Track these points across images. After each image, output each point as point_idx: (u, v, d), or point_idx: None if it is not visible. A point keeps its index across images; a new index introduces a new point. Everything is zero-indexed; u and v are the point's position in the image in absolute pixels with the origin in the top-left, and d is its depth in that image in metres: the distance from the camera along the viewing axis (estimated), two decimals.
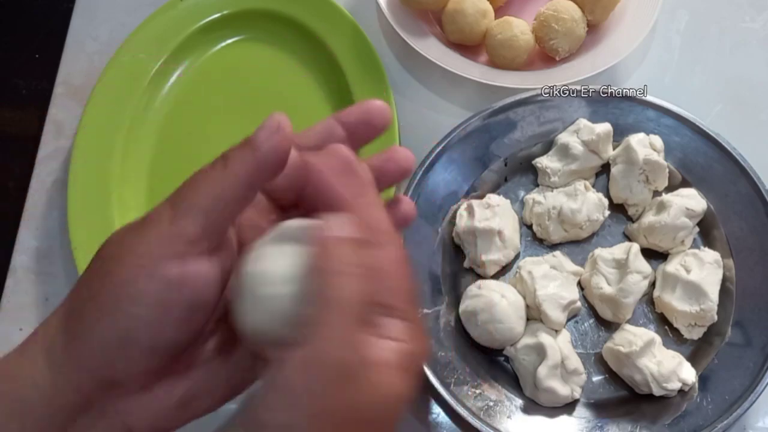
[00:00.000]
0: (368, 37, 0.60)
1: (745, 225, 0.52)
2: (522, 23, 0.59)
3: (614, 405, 0.49)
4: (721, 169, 0.53)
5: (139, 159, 0.60)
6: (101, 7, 0.68)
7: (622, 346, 0.48)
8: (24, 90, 0.67)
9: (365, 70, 0.59)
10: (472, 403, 0.48)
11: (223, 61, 0.64)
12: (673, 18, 0.65)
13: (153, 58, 0.62)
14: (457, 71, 0.58)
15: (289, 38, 0.63)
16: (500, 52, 0.59)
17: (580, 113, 0.56)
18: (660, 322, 0.52)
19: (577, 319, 0.52)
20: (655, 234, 0.52)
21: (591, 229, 0.54)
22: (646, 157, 0.52)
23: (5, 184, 0.63)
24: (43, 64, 0.66)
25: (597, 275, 0.51)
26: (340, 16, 0.62)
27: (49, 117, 0.64)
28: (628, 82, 0.62)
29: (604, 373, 0.50)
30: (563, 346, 0.48)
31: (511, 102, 0.55)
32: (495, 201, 0.53)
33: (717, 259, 0.51)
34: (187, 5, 0.64)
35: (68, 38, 0.67)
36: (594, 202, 0.53)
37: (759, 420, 0.50)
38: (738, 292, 0.51)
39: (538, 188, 0.56)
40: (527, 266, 0.51)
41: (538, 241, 0.55)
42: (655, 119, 0.55)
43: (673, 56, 0.64)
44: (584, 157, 0.54)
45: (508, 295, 0.49)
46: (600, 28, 0.62)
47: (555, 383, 0.47)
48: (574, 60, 0.60)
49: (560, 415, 0.49)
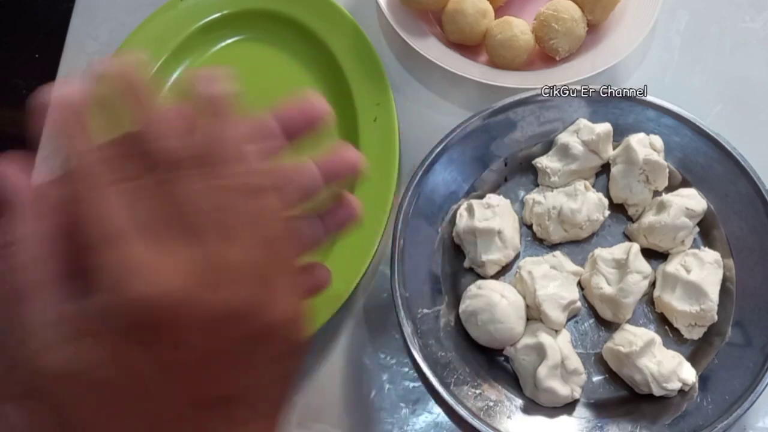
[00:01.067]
0: (368, 37, 0.60)
1: (745, 225, 0.52)
2: (522, 23, 0.59)
3: (614, 405, 0.49)
4: (721, 169, 0.53)
5: None
6: (101, 7, 0.68)
7: (622, 346, 0.48)
8: (24, 90, 0.67)
9: (365, 70, 0.59)
10: (472, 403, 0.48)
11: (223, 61, 0.64)
12: (673, 18, 0.65)
13: (153, 58, 0.62)
14: (457, 71, 0.58)
15: (289, 38, 0.63)
16: (500, 52, 0.59)
17: (580, 113, 0.56)
18: (660, 322, 0.52)
19: (577, 319, 0.52)
20: (655, 234, 0.52)
21: (591, 229, 0.54)
22: (646, 157, 0.52)
23: None
24: (43, 64, 0.66)
25: (597, 275, 0.51)
26: (340, 16, 0.62)
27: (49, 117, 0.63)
28: (628, 82, 0.62)
29: (604, 373, 0.50)
30: (563, 346, 0.48)
31: (511, 102, 0.55)
32: (495, 201, 0.53)
33: (717, 259, 0.51)
34: (187, 5, 0.64)
35: (68, 38, 0.67)
36: (594, 202, 0.53)
37: (759, 420, 0.50)
38: (738, 292, 0.51)
39: (538, 188, 0.56)
40: (527, 266, 0.51)
41: (538, 241, 0.55)
42: (655, 119, 0.55)
43: (673, 56, 0.64)
44: (584, 157, 0.54)
45: (508, 295, 0.49)
46: (600, 28, 0.62)
47: (555, 383, 0.47)
48: (574, 60, 0.60)
49: (560, 415, 0.49)
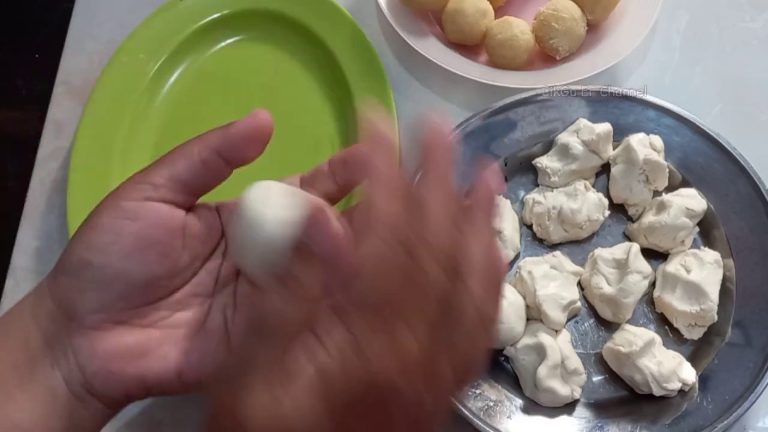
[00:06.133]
0: (368, 37, 0.60)
1: (745, 225, 0.52)
2: (522, 23, 0.59)
3: (614, 405, 0.49)
4: (721, 169, 0.53)
5: (139, 159, 0.60)
6: (101, 7, 0.68)
7: (622, 346, 0.48)
8: (24, 90, 0.67)
9: (365, 70, 0.59)
10: (472, 403, 0.48)
11: (223, 61, 0.64)
12: (673, 18, 0.65)
13: (153, 58, 0.62)
14: (457, 71, 0.58)
15: (289, 38, 0.63)
16: (500, 52, 0.59)
17: (580, 113, 0.56)
18: (660, 322, 0.52)
19: (577, 319, 0.52)
20: (655, 234, 0.52)
21: (591, 229, 0.54)
22: (646, 157, 0.52)
23: (5, 184, 0.63)
24: (43, 64, 0.66)
25: (597, 275, 0.51)
26: (340, 16, 0.62)
27: (49, 117, 0.63)
28: (628, 82, 0.62)
29: (604, 373, 0.50)
30: (563, 346, 0.48)
31: (511, 102, 0.55)
32: None
33: (717, 259, 0.51)
34: (187, 5, 0.64)
35: (68, 38, 0.67)
36: (594, 202, 0.53)
37: (759, 420, 0.50)
38: (738, 292, 0.51)
39: (538, 188, 0.56)
40: (527, 266, 0.51)
41: (538, 241, 0.55)
42: (655, 119, 0.55)
43: (673, 56, 0.64)
44: (584, 157, 0.54)
45: (508, 295, 0.49)
46: (600, 28, 0.62)
47: (555, 383, 0.47)
48: (574, 60, 0.60)
49: (560, 415, 0.48)
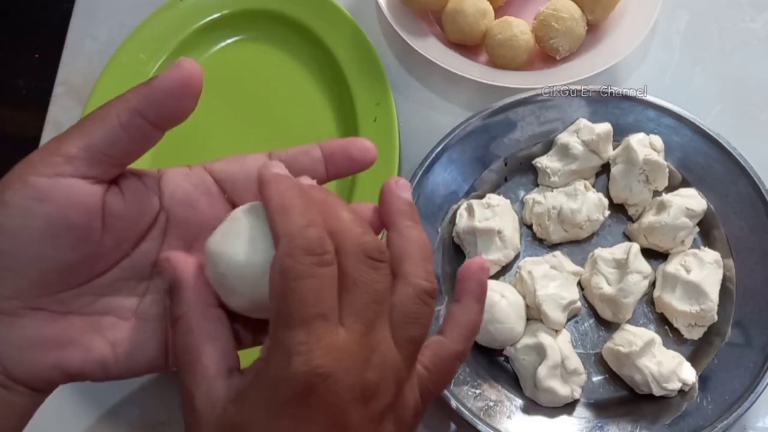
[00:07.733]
0: (368, 37, 0.60)
1: (745, 225, 0.52)
2: (522, 23, 0.59)
3: (614, 405, 0.49)
4: (721, 169, 0.53)
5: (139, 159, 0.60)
6: (101, 7, 0.68)
7: (622, 346, 0.48)
8: (24, 90, 0.67)
9: (365, 70, 0.59)
10: (472, 403, 0.48)
11: (223, 61, 0.64)
12: (673, 18, 0.65)
13: (153, 58, 0.62)
14: (457, 71, 0.58)
15: (289, 38, 0.63)
16: (500, 51, 0.59)
17: (580, 113, 0.56)
18: (660, 322, 0.52)
19: (577, 319, 0.52)
20: (655, 234, 0.52)
21: (591, 229, 0.54)
22: (646, 157, 0.52)
23: None
24: (43, 64, 0.66)
25: (597, 275, 0.51)
26: (340, 16, 0.62)
27: (49, 117, 0.63)
28: (628, 82, 0.62)
29: (604, 373, 0.50)
30: (563, 346, 0.48)
31: (511, 102, 0.55)
32: (495, 201, 0.53)
33: (717, 259, 0.51)
34: (187, 5, 0.64)
35: (68, 38, 0.67)
36: (594, 202, 0.53)
37: (759, 420, 0.50)
38: (738, 292, 0.51)
39: (538, 188, 0.56)
40: (527, 266, 0.51)
41: (538, 241, 0.55)
42: (655, 119, 0.55)
43: (673, 56, 0.64)
44: (584, 157, 0.54)
45: (508, 295, 0.49)
46: (600, 28, 0.62)
47: (555, 383, 0.47)
48: (574, 60, 0.60)
49: (560, 415, 0.49)
